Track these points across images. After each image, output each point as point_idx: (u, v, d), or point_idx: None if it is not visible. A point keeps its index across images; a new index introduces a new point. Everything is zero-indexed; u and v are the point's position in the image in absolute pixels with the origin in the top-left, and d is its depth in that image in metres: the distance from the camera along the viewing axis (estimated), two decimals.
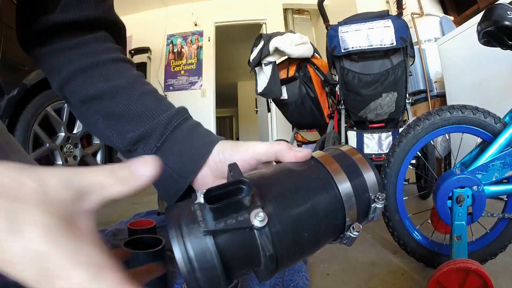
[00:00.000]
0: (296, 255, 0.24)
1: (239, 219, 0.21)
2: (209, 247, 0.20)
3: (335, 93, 2.37)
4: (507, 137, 0.81)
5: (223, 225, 0.20)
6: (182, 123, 0.38)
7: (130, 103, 0.38)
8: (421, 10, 2.85)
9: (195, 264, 0.20)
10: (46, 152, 1.76)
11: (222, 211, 0.20)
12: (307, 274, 0.84)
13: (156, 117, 0.37)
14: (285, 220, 0.23)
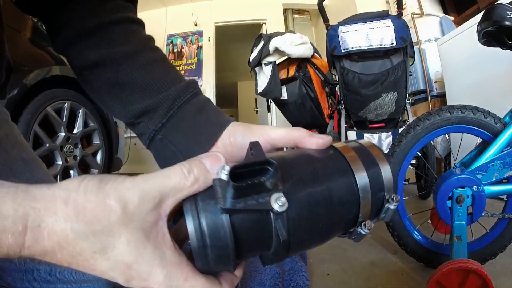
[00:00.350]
0: (307, 243, 0.24)
1: (259, 201, 0.20)
2: (224, 224, 0.20)
3: (335, 93, 2.37)
4: (507, 137, 0.81)
5: (242, 205, 0.20)
6: (192, 99, 0.35)
7: (136, 72, 0.34)
8: (421, 10, 2.85)
9: (207, 240, 0.20)
10: (46, 152, 1.75)
11: (244, 190, 0.20)
12: (307, 274, 0.84)
13: (163, 90, 0.34)
14: (302, 207, 0.22)
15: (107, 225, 0.18)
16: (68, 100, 1.91)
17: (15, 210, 0.16)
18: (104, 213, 0.18)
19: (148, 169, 4.49)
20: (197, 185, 0.21)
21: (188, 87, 0.35)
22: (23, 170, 0.45)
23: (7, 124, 0.48)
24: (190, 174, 0.21)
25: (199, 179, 0.21)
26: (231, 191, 0.20)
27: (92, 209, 0.18)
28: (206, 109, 0.35)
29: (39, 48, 1.83)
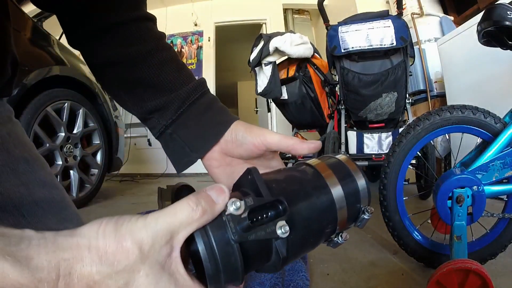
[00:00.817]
0: (300, 254, 0.27)
1: (267, 231, 0.23)
2: (235, 252, 0.22)
3: (335, 93, 2.37)
4: (507, 137, 0.81)
5: (254, 237, 0.23)
6: (200, 98, 0.38)
7: (149, 71, 0.37)
8: (421, 10, 2.85)
9: (221, 267, 0.22)
10: (46, 152, 1.75)
11: (255, 225, 0.23)
12: (307, 274, 0.84)
13: (174, 90, 0.37)
14: (300, 229, 0.25)
15: (127, 264, 0.20)
16: (68, 100, 1.91)
17: (49, 262, 0.19)
18: (123, 255, 0.20)
19: (148, 169, 4.47)
20: (206, 216, 0.23)
21: (197, 87, 0.38)
22: (25, 171, 0.44)
23: (10, 122, 0.47)
24: (198, 207, 0.22)
25: (207, 210, 0.23)
26: (242, 226, 0.22)
27: (113, 253, 0.20)
28: (212, 108, 0.38)
29: (39, 48, 1.83)
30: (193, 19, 4.54)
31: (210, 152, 0.37)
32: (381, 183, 0.95)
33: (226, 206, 0.23)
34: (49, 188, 0.46)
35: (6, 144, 0.44)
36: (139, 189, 2.98)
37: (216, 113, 0.38)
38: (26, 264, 0.18)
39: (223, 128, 0.37)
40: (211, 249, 0.22)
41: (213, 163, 0.38)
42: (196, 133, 0.37)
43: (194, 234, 0.23)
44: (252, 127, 0.36)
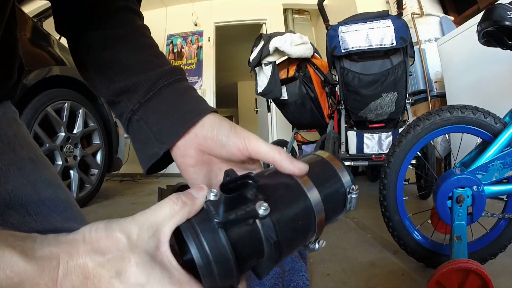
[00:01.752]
0: (294, 242, 0.27)
1: (247, 210, 0.23)
2: (222, 239, 0.23)
3: (335, 93, 2.37)
4: (507, 137, 0.81)
5: (234, 216, 0.23)
6: (174, 83, 0.35)
7: (123, 53, 0.36)
8: (421, 10, 2.85)
9: (210, 257, 0.22)
10: (46, 152, 1.76)
11: (233, 202, 0.23)
12: (307, 274, 0.84)
13: (146, 71, 0.35)
14: (283, 210, 0.26)
15: (117, 252, 0.22)
16: (68, 100, 1.91)
17: (50, 252, 0.21)
18: (113, 244, 0.22)
19: None
20: (187, 208, 0.24)
21: (172, 72, 0.35)
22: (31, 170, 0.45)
23: (15, 123, 0.48)
24: (178, 200, 0.24)
25: (187, 202, 0.24)
26: (222, 206, 0.23)
27: (104, 243, 0.22)
28: (186, 95, 0.35)
29: (39, 48, 1.83)
30: (193, 19, 4.54)
31: (184, 147, 0.33)
32: (381, 183, 0.95)
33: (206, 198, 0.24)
34: (54, 187, 0.47)
35: (13, 145, 0.44)
36: (139, 189, 2.98)
37: (189, 100, 0.34)
38: (32, 255, 0.20)
39: (195, 116, 0.33)
40: (199, 239, 0.23)
41: (188, 161, 0.34)
42: (164, 120, 0.33)
43: (180, 227, 0.24)
44: (237, 128, 0.32)
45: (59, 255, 0.21)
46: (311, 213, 0.28)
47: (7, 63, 0.43)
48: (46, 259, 0.20)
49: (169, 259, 0.23)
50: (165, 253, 0.23)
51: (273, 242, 0.25)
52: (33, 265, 0.20)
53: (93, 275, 0.21)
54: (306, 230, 0.28)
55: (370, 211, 1.63)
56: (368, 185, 2.75)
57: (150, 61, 0.36)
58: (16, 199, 0.41)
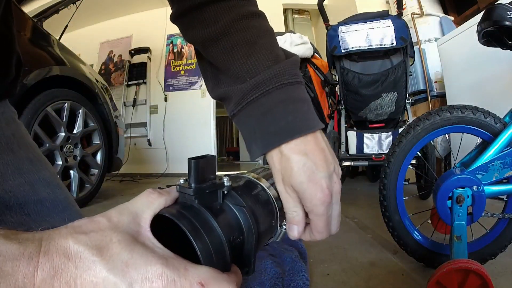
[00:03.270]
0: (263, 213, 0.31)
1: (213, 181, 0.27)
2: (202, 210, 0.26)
3: (335, 93, 2.37)
4: (507, 137, 0.81)
5: (205, 185, 0.26)
6: (260, 98, 0.32)
7: (218, 56, 0.34)
8: (421, 10, 2.85)
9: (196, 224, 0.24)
10: (46, 152, 1.75)
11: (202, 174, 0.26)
12: (307, 274, 0.84)
13: (238, 81, 0.33)
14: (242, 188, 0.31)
15: (98, 230, 0.22)
16: (68, 100, 1.91)
17: (33, 236, 0.22)
18: (95, 224, 0.23)
19: (148, 169, 4.45)
20: (163, 196, 0.26)
21: (260, 84, 0.32)
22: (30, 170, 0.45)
23: (14, 123, 0.48)
24: (154, 191, 0.27)
25: (162, 193, 0.27)
26: (192, 178, 0.26)
27: (85, 224, 0.23)
28: (268, 114, 0.32)
29: (39, 48, 1.83)
30: None
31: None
32: (381, 183, 0.95)
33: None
34: (53, 187, 0.47)
35: (11, 145, 0.44)
36: (139, 189, 2.97)
37: (271, 120, 0.32)
38: (16, 238, 0.21)
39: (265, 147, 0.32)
40: (179, 212, 0.25)
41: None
42: (247, 137, 0.35)
43: (160, 212, 0.25)
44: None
45: (41, 238, 0.21)
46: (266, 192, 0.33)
47: (4, 58, 0.43)
48: (28, 240, 0.21)
49: (152, 241, 0.24)
50: (147, 236, 0.24)
51: (245, 208, 0.28)
52: (15, 244, 0.20)
53: (74, 254, 0.21)
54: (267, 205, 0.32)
55: (370, 211, 1.63)
56: (368, 185, 2.75)
57: (243, 66, 0.33)
58: (14, 199, 0.41)
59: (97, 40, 4.75)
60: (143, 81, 4.43)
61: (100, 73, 4.29)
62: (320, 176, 0.31)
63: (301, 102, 0.33)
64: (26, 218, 0.42)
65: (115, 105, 2.43)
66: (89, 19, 4.50)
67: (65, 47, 2.06)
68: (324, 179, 0.31)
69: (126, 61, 4.51)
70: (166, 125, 4.36)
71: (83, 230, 0.22)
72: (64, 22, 2.69)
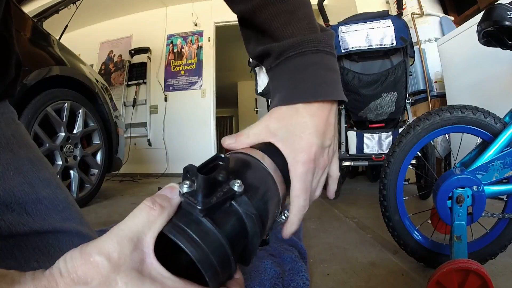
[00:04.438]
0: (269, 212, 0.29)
1: (224, 190, 0.24)
2: (210, 227, 0.22)
3: None
4: (507, 137, 0.81)
5: (215, 199, 0.23)
6: (295, 57, 0.35)
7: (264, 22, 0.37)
8: (421, 10, 2.85)
9: (205, 248, 0.21)
10: (46, 152, 1.75)
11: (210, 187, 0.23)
12: (307, 274, 0.84)
13: (278, 39, 0.37)
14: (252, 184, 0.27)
15: (101, 277, 0.20)
16: (68, 100, 1.91)
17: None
18: (94, 270, 0.20)
19: (148, 169, 4.45)
20: (166, 211, 0.23)
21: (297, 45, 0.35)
22: (30, 170, 0.45)
23: (14, 124, 0.48)
24: (154, 205, 0.22)
25: (165, 205, 0.23)
26: (201, 193, 0.22)
27: (83, 271, 0.20)
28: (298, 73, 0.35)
29: (39, 48, 1.83)
30: (193, 19, 4.54)
31: None
32: (381, 183, 0.95)
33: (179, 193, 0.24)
34: (52, 187, 0.47)
35: (11, 145, 0.44)
36: (139, 189, 2.98)
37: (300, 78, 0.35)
38: None
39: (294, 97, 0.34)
40: (185, 233, 0.22)
41: None
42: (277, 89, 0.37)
43: (164, 231, 0.22)
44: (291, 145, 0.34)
45: None
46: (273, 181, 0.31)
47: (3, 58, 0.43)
48: None
49: (158, 270, 0.22)
50: (152, 264, 0.22)
51: (254, 216, 0.25)
52: None
53: None
54: (273, 198, 0.30)
55: (370, 211, 1.63)
56: (368, 185, 2.75)
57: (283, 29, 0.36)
58: (14, 198, 0.41)
59: (97, 40, 4.75)
60: (143, 81, 4.43)
61: (100, 73, 4.30)
62: (313, 141, 0.33)
63: (331, 71, 0.35)
64: (25, 218, 0.42)
65: (115, 105, 2.43)
66: (89, 19, 4.50)
67: (65, 47, 2.06)
68: (316, 145, 0.33)
69: (126, 61, 4.51)
70: (166, 125, 4.36)
71: (83, 280, 0.20)
72: (64, 22, 2.69)
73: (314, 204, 0.44)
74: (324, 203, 1.93)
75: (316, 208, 1.79)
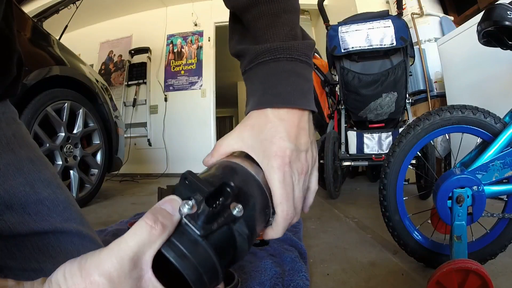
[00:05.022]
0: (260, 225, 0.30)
1: (225, 216, 0.24)
2: (207, 250, 0.23)
3: (335, 93, 2.37)
4: (507, 137, 0.81)
5: (216, 226, 0.23)
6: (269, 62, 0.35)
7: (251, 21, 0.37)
8: (421, 10, 2.85)
9: (200, 270, 0.22)
10: (46, 152, 1.75)
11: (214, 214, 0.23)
12: (307, 274, 0.84)
13: (256, 41, 0.37)
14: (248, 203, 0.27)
15: None
16: (68, 100, 1.91)
17: None
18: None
19: (148, 169, 4.44)
20: (167, 230, 0.23)
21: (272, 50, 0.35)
22: (30, 170, 0.45)
23: (15, 123, 0.48)
24: (156, 224, 0.22)
25: (166, 224, 0.23)
26: (203, 219, 0.23)
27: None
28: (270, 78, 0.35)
29: (39, 48, 1.83)
30: (193, 19, 4.54)
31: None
32: (381, 183, 0.95)
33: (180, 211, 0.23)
34: (53, 187, 0.47)
35: (12, 145, 0.44)
36: (139, 189, 2.98)
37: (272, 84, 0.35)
38: None
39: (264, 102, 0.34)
40: (184, 256, 0.22)
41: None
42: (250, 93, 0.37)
43: (162, 249, 0.22)
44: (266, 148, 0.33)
45: None
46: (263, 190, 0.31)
47: (5, 57, 0.43)
48: None
49: (155, 286, 0.22)
50: (150, 280, 0.22)
51: (246, 236, 0.26)
52: None
53: None
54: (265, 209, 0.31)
55: (370, 211, 1.63)
56: (368, 185, 2.75)
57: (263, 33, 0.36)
58: (15, 198, 0.41)
59: (97, 40, 4.75)
60: (143, 81, 4.43)
61: (100, 73, 4.30)
62: (285, 145, 0.32)
63: (304, 80, 0.35)
64: (26, 218, 0.42)
65: (115, 105, 2.43)
66: (89, 19, 4.50)
67: (65, 47, 2.06)
68: (289, 149, 0.32)
69: (126, 61, 4.51)
70: (166, 125, 4.36)
71: None
72: (64, 22, 2.69)
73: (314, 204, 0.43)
74: (324, 203, 1.93)
75: (316, 208, 1.79)
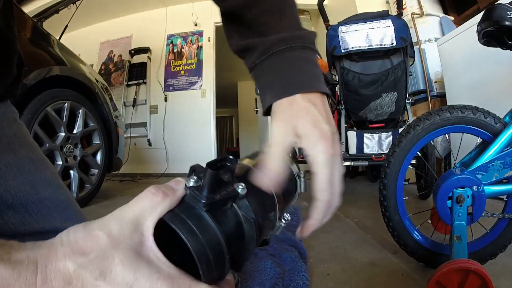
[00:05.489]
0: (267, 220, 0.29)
1: (228, 190, 0.25)
2: (211, 223, 0.23)
3: (335, 93, 2.37)
4: (507, 137, 0.81)
5: (219, 196, 0.24)
6: (285, 52, 0.36)
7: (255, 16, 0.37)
8: (421, 10, 2.85)
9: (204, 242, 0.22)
10: (46, 152, 1.75)
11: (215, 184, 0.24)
12: (307, 274, 0.84)
13: (264, 35, 0.37)
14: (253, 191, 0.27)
15: (99, 250, 0.21)
16: (68, 100, 1.91)
17: (27, 257, 0.20)
18: (94, 242, 0.21)
19: (148, 169, 4.44)
20: (169, 199, 0.23)
21: (286, 39, 0.36)
22: (31, 170, 0.45)
23: (15, 123, 0.48)
24: (158, 191, 0.23)
25: (168, 194, 0.23)
26: (206, 189, 0.23)
27: (83, 242, 0.21)
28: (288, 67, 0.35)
29: (39, 48, 1.83)
30: (193, 19, 4.54)
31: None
32: (381, 183, 0.95)
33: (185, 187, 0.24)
34: (54, 187, 0.47)
35: (12, 145, 0.44)
36: (139, 189, 2.95)
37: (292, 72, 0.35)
38: (8, 259, 0.19)
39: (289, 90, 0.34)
40: (185, 223, 0.22)
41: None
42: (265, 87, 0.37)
43: (164, 218, 0.23)
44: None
45: (36, 259, 0.20)
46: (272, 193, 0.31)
47: (5, 57, 0.43)
48: (22, 263, 0.19)
49: (156, 254, 0.22)
50: (151, 247, 0.22)
51: (253, 221, 0.26)
52: (8, 269, 0.19)
53: (75, 278, 0.20)
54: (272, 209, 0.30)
55: (370, 211, 1.63)
56: (368, 185, 2.75)
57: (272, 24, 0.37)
58: (15, 198, 0.42)
59: (97, 40, 4.75)
60: (143, 81, 4.43)
61: (100, 73, 4.29)
62: (326, 128, 0.33)
63: (316, 66, 0.37)
64: (27, 218, 0.42)
65: (115, 105, 2.43)
66: (89, 19, 4.50)
67: (65, 47, 2.06)
68: (329, 131, 0.33)
69: (126, 61, 4.51)
70: (166, 125, 4.36)
71: (82, 250, 0.20)
72: (64, 22, 2.69)
73: None
74: None
75: None
